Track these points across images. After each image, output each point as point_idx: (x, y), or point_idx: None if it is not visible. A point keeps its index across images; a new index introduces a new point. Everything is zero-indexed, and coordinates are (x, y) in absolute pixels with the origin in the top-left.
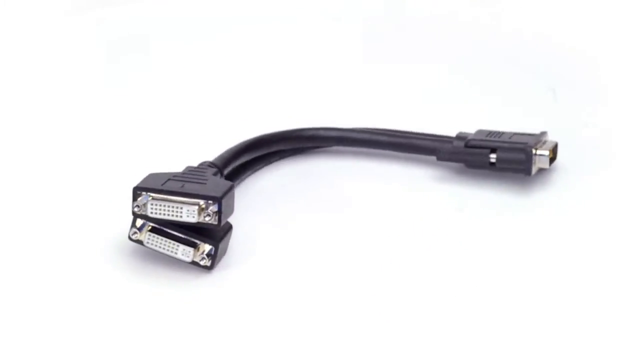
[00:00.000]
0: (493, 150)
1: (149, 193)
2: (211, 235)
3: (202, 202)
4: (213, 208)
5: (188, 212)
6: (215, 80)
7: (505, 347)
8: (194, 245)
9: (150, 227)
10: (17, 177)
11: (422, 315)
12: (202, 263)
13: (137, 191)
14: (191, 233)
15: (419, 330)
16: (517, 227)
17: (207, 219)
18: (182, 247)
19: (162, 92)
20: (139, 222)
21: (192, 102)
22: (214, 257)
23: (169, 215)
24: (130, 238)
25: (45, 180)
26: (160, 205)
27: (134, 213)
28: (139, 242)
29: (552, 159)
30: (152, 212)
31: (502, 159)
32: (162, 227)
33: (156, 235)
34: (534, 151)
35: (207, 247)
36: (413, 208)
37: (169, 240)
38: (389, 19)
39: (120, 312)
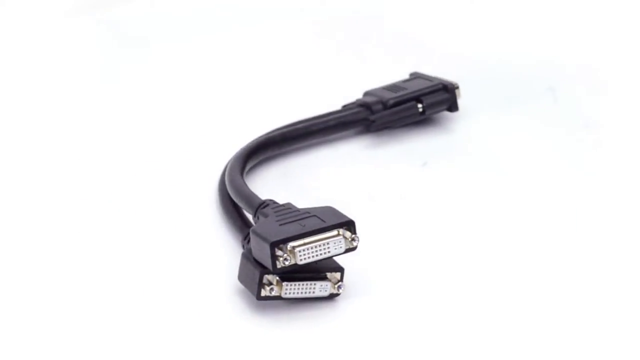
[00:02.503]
0: (418, 100)
1: (288, 243)
2: (327, 263)
3: (337, 231)
4: (351, 232)
5: (335, 245)
6: (214, 80)
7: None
8: (324, 278)
9: (278, 279)
10: (18, 177)
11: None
12: (340, 292)
13: (275, 246)
14: (312, 268)
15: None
16: (481, 164)
17: (354, 243)
18: (317, 284)
19: (162, 92)
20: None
21: (191, 102)
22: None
23: (318, 255)
24: (262, 297)
25: (44, 181)
26: (307, 249)
27: (276, 269)
28: (275, 297)
29: None
30: (301, 259)
31: (430, 104)
32: (289, 274)
33: (292, 283)
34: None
35: (336, 275)
36: (386, 177)
37: (304, 283)
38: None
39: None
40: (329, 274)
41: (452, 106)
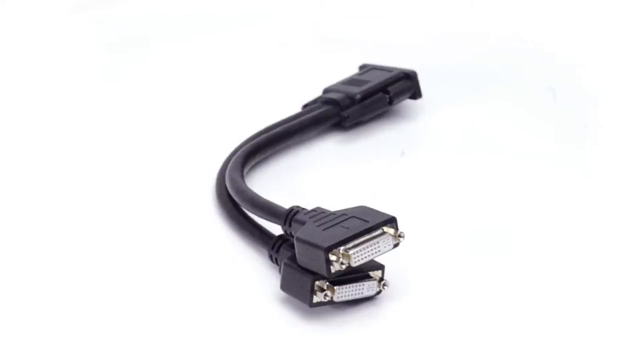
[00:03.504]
0: (384, 91)
1: (340, 247)
2: (368, 263)
3: (382, 229)
4: (395, 228)
5: (385, 243)
6: (214, 79)
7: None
8: (369, 278)
9: (329, 284)
10: (17, 176)
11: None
12: (384, 289)
13: (328, 251)
14: (357, 269)
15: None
16: (456, 148)
17: (400, 239)
18: (365, 284)
19: (162, 91)
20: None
21: (191, 102)
22: None
23: (370, 255)
24: (315, 304)
25: (44, 180)
26: (359, 250)
27: (330, 274)
28: (327, 302)
29: None
30: (355, 261)
31: (396, 92)
32: (337, 278)
33: (343, 287)
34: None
35: (378, 273)
36: (370, 171)
37: (354, 284)
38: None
39: None
40: (371, 273)
41: (416, 93)
